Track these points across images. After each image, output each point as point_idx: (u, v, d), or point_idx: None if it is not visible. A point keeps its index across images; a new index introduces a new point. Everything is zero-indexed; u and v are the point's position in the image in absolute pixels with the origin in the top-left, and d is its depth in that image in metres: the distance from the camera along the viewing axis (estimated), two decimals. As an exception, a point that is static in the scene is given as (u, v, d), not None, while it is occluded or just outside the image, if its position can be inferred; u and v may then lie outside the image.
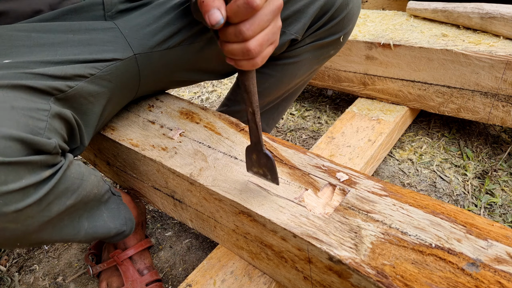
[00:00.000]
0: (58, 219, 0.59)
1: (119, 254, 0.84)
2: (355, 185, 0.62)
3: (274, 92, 0.93)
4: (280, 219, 0.58)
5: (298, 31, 0.79)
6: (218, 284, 0.72)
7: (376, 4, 2.18)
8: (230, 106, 1.00)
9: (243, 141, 0.75)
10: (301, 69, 0.88)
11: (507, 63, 0.96)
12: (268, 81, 0.89)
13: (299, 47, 0.84)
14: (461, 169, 1.12)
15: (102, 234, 0.73)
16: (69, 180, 0.58)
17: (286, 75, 0.88)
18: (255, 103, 0.54)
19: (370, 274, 0.48)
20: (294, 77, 0.90)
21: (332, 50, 0.87)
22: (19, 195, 0.50)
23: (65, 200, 0.58)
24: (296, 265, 0.61)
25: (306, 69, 0.89)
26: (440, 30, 1.16)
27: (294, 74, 0.89)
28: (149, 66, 0.75)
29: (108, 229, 0.74)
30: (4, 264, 0.97)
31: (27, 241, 0.58)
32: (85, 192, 0.62)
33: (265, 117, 1.01)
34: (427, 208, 0.56)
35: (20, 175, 0.50)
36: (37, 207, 0.53)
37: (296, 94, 1.01)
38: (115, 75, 0.69)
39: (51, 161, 0.54)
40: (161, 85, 0.86)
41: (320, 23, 0.80)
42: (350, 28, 0.84)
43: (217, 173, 0.68)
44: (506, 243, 0.49)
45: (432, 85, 1.12)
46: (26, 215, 0.52)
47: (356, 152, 1.02)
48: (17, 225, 0.52)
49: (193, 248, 0.97)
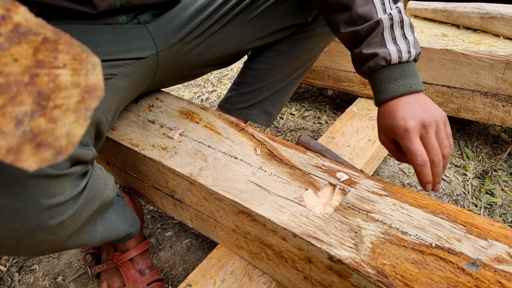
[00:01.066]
0: (82, 225, 0.58)
1: (118, 257, 0.84)
2: (355, 184, 0.62)
3: (285, 69, 0.96)
4: (280, 218, 0.58)
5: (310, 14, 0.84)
6: (218, 284, 0.72)
7: (376, 4, 2.18)
8: (239, 89, 1.01)
9: (243, 141, 0.75)
10: (310, 43, 0.92)
11: (507, 63, 0.96)
12: (280, 56, 0.93)
13: (311, 24, 0.88)
14: (461, 169, 1.12)
15: (114, 237, 0.73)
16: (96, 186, 0.58)
17: (296, 49, 0.92)
18: None
19: (370, 273, 0.48)
20: (303, 51, 0.93)
21: None
22: (62, 207, 0.49)
23: (92, 206, 0.57)
24: (296, 264, 0.61)
25: (314, 44, 0.93)
26: (440, 30, 1.16)
27: (304, 48, 0.92)
28: (167, 61, 0.77)
29: (118, 231, 0.74)
30: (4, 264, 0.97)
31: (55, 250, 0.57)
32: (105, 197, 0.62)
33: (272, 100, 1.02)
34: (427, 208, 0.56)
35: (65, 187, 0.49)
36: (73, 217, 0.52)
37: (301, 76, 1.04)
38: (136, 72, 0.71)
39: (85, 170, 0.54)
40: (170, 80, 0.88)
41: None
42: None
43: (217, 173, 0.68)
44: (506, 243, 0.49)
45: (432, 85, 1.12)
46: (65, 226, 0.51)
47: (356, 152, 1.02)
48: (55, 236, 0.51)
49: (193, 248, 0.97)
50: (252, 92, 0.99)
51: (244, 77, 1.00)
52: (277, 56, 0.92)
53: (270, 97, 1.01)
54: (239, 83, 1.01)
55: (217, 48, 0.84)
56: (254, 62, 0.97)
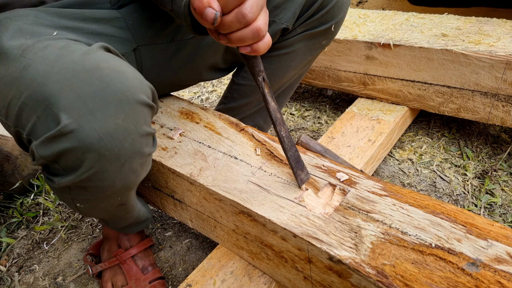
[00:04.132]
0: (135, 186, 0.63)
1: (122, 254, 0.85)
2: (355, 185, 0.62)
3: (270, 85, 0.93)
4: (280, 219, 0.58)
5: (288, 20, 0.80)
6: (218, 284, 0.72)
7: (376, 4, 2.18)
8: (227, 104, 1.01)
9: (243, 141, 0.75)
10: (294, 60, 0.89)
11: (507, 63, 0.96)
12: None
13: (291, 37, 0.85)
14: (461, 169, 1.12)
15: (143, 217, 0.79)
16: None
17: (280, 67, 0.89)
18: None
19: (370, 274, 0.48)
20: (289, 69, 0.91)
21: (324, 40, 0.88)
22: (150, 139, 0.55)
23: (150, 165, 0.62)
24: (296, 265, 0.61)
25: (299, 60, 0.90)
26: (440, 30, 1.16)
27: (288, 65, 0.90)
28: (152, 59, 0.76)
29: (144, 212, 0.79)
30: (4, 264, 0.97)
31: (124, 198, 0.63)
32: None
33: (262, 114, 1.02)
34: (427, 208, 0.56)
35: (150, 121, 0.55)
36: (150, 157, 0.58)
37: (291, 89, 1.01)
38: None
39: None
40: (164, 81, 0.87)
41: (310, 12, 0.81)
42: (341, 17, 0.85)
43: (217, 173, 0.68)
44: (506, 243, 0.49)
45: (432, 85, 1.12)
46: (146, 163, 0.57)
47: (356, 152, 1.02)
48: (141, 170, 0.56)
49: (193, 248, 0.97)
50: (239, 107, 0.99)
51: (231, 92, 1.00)
52: None
53: (260, 111, 1.00)
54: (226, 97, 1.01)
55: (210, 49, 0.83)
56: (239, 76, 0.95)
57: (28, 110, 0.49)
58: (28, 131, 0.50)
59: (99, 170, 0.50)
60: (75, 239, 1.02)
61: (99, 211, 0.65)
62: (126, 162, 0.52)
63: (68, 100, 0.46)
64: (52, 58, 0.50)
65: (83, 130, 0.46)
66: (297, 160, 0.62)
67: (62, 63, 0.49)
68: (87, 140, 0.47)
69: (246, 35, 0.49)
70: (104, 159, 0.49)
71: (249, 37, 0.49)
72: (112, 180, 0.53)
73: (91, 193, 0.55)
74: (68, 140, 0.47)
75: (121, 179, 0.54)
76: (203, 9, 0.46)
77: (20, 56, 0.52)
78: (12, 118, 0.51)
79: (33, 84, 0.48)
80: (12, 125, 0.52)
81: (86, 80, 0.47)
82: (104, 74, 0.48)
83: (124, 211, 0.70)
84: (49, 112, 0.47)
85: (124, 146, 0.50)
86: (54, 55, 0.50)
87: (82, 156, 0.48)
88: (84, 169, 0.49)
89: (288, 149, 0.61)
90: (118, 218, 0.74)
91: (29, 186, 1.17)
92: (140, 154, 0.53)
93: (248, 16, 0.47)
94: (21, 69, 0.50)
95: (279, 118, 0.60)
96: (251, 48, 0.51)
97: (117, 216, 0.72)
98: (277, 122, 0.60)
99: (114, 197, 0.60)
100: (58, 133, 0.46)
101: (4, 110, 0.52)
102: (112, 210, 0.66)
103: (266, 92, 0.59)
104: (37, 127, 0.48)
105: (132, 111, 0.50)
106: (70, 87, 0.47)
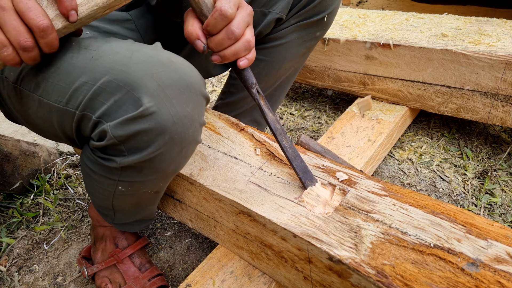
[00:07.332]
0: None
1: (119, 253, 0.85)
2: (355, 185, 0.62)
3: (266, 78, 0.94)
4: (280, 219, 0.58)
5: (282, 10, 0.81)
6: (218, 284, 0.72)
7: (376, 4, 2.18)
8: (224, 99, 1.02)
9: (243, 141, 0.75)
10: (289, 51, 0.90)
11: (507, 63, 0.96)
12: (259, 66, 0.91)
13: (285, 28, 0.85)
14: (461, 169, 1.12)
15: (150, 215, 0.81)
16: None
17: (275, 58, 0.90)
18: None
19: (370, 274, 0.48)
20: (284, 60, 0.92)
21: (317, 31, 0.89)
22: (201, 130, 0.60)
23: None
24: (296, 265, 0.61)
25: (294, 52, 0.91)
26: (440, 30, 1.16)
27: (283, 57, 0.91)
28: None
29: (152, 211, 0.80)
30: (4, 264, 0.97)
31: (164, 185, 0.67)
32: None
33: (259, 112, 1.02)
34: (427, 208, 0.56)
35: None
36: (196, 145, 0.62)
37: (288, 84, 1.02)
38: None
39: None
40: None
41: (303, 2, 0.81)
42: (334, 7, 0.85)
43: (217, 173, 0.68)
44: (506, 243, 0.49)
45: (432, 85, 1.12)
46: (194, 151, 0.62)
47: (356, 152, 1.02)
48: (187, 158, 0.61)
49: (193, 248, 0.97)
50: (236, 102, 1.00)
51: (229, 86, 1.01)
52: (256, 66, 0.91)
53: (257, 106, 1.01)
54: (224, 92, 1.02)
55: None
56: None
57: (105, 94, 0.52)
58: (101, 114, 0.53)
59: (164, 152, 0.55)
60: (75, 239, 1.02)
61: (134, 197, 0.67)
62: (185, 147, 0.57)
63: (149, 87, 0.51)
64: (125, 50, 0.54)
65: (162, 113, 0.51)
66: (304, 170, 0.63)
67: (139, 55, 0.54)
68: (163, 123, 0.52)
69: (239, 48, 0.57)
70: (172, 142, 0.54)
71: (242, 49, 0.58)
72: (169, 162, 0.57)
73: (144, 175, 0.59)
74: (146, 121, 0.51)
75: (176, 162, 0.59)
76: (193, 41, 0.58)
77: (82, 48, 0.56)
78: (79, 102, 0.54)
79: (113, 71, 0.52)
80: (79, 109, 0.54)
81: (164, 71, 0.52)
82: (177, 68, 0.54)
83: (152, 200, 0.73)
84: (130, 96, 0.51)
85: (188, 132, 0.55)
86: (124, 48, 0.55)
87: (154, 138, 0.53)
88: (151, 149, 0.54)
89: (293, 159, 0.62)
90: (138, 209, 0.75)
91: (29, 186, 1.17)
92: (196, 142, 0.59)
93: (236, 32, 0.56)
94: (89, 59, 0.54)
95: (279, 129, 0.62)
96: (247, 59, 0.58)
97: (140, 206, 0.73)
98: (277, 132, 0.62)
99: (160, 181, 0.64)
100: (139, 114, 0.51)
101: (66, 96, 0.55)
102: (146, 197, 0.69)
103: (262, 104, 0.62)
104: (113, 109, 0.52)
105: (197, 102, 0.55)
106: (151, 75, 0.51)
